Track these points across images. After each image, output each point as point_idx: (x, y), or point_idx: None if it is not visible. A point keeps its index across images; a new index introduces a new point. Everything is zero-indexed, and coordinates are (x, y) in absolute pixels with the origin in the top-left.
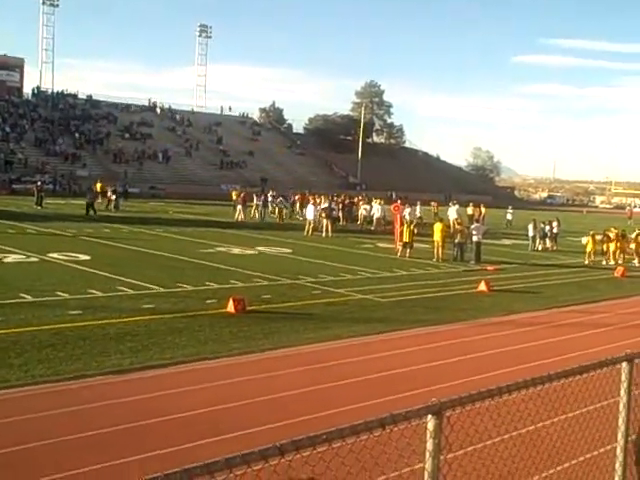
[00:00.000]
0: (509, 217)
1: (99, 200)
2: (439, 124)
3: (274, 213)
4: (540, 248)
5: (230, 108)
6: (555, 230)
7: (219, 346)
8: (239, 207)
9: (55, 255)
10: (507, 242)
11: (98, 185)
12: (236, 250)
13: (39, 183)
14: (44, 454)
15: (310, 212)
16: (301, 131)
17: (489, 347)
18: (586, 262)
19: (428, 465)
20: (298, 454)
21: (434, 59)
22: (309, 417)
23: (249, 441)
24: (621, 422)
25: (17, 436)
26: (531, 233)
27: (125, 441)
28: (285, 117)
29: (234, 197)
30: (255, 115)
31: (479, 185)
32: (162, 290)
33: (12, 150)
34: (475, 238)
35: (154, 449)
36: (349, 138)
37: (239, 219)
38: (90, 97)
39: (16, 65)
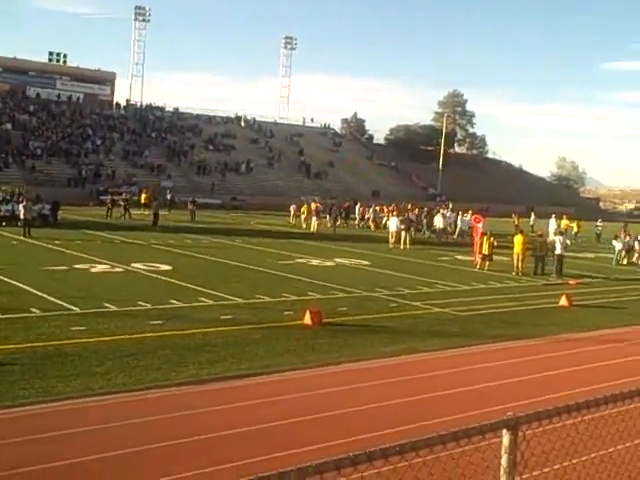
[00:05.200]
0: (598, 231)
1: (146, 211)
2: (522, 134)
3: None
4: (625, 262)
5: (312, 119)
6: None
7: (295, 358)
8: (314, 218)
9: (138, 265)
10: (590, 255)
11: (143, 196)
12: (314, 262)
13: (109, 197)
14: (122, 463)
15: (393, 224)
16: (382, 141)
17: (570, 364)
18: None
19: None
20: (371, 465)
21: (517, 67)
22: (383, 432)
23: (323, 454)
24: None
25: (98, 444)
26: (618, 247)
27: (201, 451)
28: (366, 128)
29: (307, 209)
30: (337, 126)
31: (563, 196)
32: (241, 301)
33: (101, 162)
34: (557, 250)
35: (229, 461)
36: (430, 148)
37: (315, 230)
38: (177, 109)
39: (108, 79)
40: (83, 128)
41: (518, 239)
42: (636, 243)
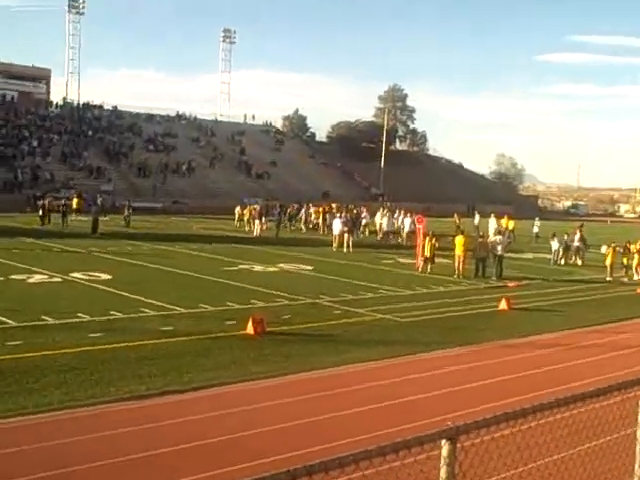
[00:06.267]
0: (536, 230)
1: (73, 217)
2: (462, 129)
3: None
4: (563, 262)
5: (254, 117)
6: (576, 243)
7: (239, 370)
8: (257, 222)
9: (77, 275)
10: (529, 256)
11: (75, 200)
12: (258, 267)
13: (40, 202)
14: None
15: (336, 227)
16: (324, 139)
17: (508, 371)
18: (608, 278)
19: None
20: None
21: (456, 60)
22: (323, 446)
23: (260, 470)
24: (638, 451)
25: (25, 465)
26: (554, 247)
27: (134, 471)
28: (308, 125)
29: (249, 212)
30: (278, 123)
31: (502, 194)
32: (183, 311)
33: (38, 165)
34: (498, 251)
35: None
36: (372, 146)
37: (258, 234)
38: (115, 108)
39: (43, 76)
40: (19, 129)
41: (459, 240)
42: (578, 243)
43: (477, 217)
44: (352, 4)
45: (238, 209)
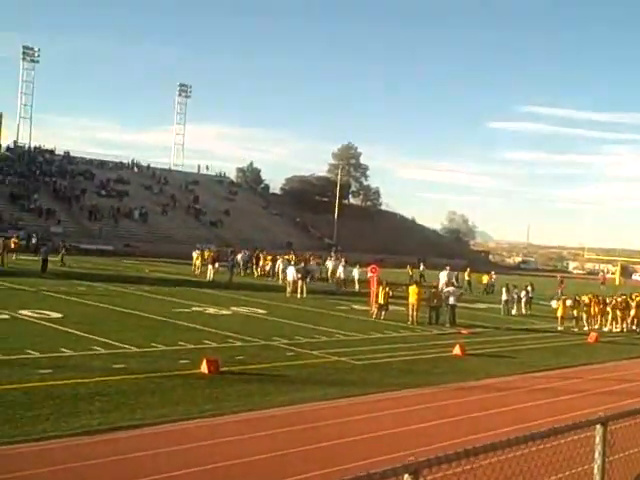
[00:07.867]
0: (492, 282)
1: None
2: (415, 187)
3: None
4: (514, 313)
5: (207, 167)
6: (530, 295)
7: (191, 407)
8: (210, 266)
9: (26, 312)
10: (482, 306)
11: (12, 240)
12: (211, 310)
13: None
14: None
15: (290, 273)
16: (278, 191)
17: (463, 412)
18: (559, 328)
19: None
20: None
21: (411, 123)
22: None
23: None
24: None
25: None
26: (504, 297)
27: None
28: (262, 177)
29: (205, 256)
30: (232, 175)
31: (454, 249)
32: (135, 350)
33: None
34: (451, 301)
35: None
36: (325, 199)
37: (211, 278)
38: (67, 153)
39: None
40: None
41: (413, 289)
42: (522, 294)
43: (422, 267)
44: (309, 68)
45: (195, 254)
